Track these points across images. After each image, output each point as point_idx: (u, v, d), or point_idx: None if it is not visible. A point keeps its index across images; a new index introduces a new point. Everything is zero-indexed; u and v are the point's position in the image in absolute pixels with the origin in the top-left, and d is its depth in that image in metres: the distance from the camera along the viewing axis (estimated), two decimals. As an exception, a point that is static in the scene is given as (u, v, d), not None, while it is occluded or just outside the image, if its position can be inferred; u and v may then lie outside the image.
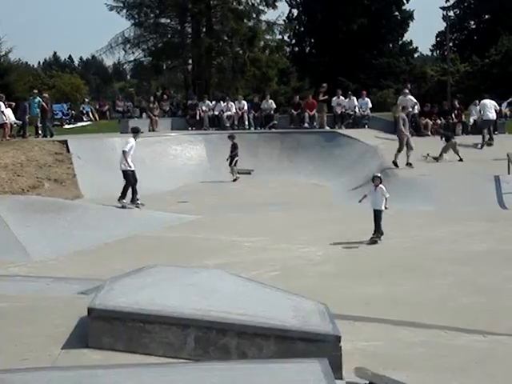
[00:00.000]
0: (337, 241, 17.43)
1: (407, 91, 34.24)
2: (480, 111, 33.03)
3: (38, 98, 35.00)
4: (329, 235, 18.27)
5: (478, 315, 11.15)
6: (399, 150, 26.59)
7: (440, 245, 16.63)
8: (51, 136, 33.38)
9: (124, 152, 23.25)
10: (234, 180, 30.39)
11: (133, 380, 6.18)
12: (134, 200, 23.17)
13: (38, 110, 34.43)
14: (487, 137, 31.51)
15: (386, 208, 17.63)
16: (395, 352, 9.57)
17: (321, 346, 8.26)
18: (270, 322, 8.49)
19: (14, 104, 36.52)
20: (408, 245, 16.86)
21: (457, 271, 13.89)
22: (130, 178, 23.18)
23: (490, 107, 32.26)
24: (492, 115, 32.07)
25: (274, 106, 38.52)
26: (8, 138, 32.26)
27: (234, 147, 30.92)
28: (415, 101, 34.41)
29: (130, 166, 23.29)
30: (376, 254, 16.06)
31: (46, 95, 37.46)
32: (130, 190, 23.11)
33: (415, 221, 19.99)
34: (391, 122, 36.08)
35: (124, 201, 22.94)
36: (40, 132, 34.24)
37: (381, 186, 17.68)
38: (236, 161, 30.84)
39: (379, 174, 18.45)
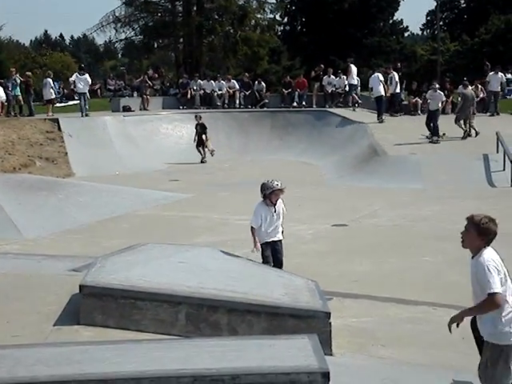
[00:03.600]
0: (327, 219, 17.51)
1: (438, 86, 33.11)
2: None
3: (15, 77, 34.90)
4: (319, 213, 18.38)
5: (466, 292, 11.20)
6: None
7: (429, 223, 16.74)
8: (30, 115, 33.43)
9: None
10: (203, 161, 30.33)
11: (124, 356, 6.25)
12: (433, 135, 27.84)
13: (18, 88, 34.37)
14: None
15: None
16: (384, 328, 9.69)
17: (311, 322, 8.37)
18: (261, 299, 8.58)
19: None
20: (397, 223, 16.95)
21: (445, 249, 13.97)
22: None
23: None
24: None
25: (264, 86, 38.41)
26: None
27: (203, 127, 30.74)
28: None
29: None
30: (365, 232, 16.15)
31: (29, 73, 37.34)
32: None
33: (404, 199, 20.09)
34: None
35: (435, 138, 27.42)
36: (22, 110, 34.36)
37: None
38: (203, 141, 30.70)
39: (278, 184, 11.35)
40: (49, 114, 33.17)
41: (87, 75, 34.24)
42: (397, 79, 34.16)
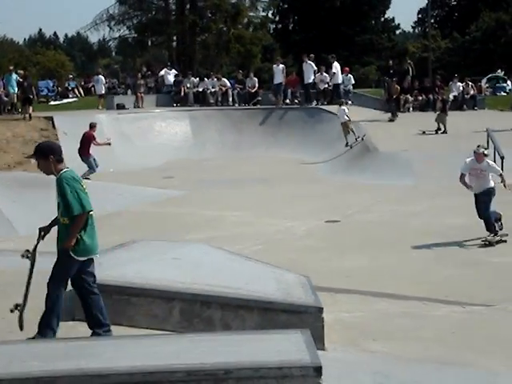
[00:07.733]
0: (319, 215, 17.58)
1: None
2: None
3: (15, 75, 34.81)
4: (311, 210, 18.45)
5: (456, 287, 11.36)
6: None
7: (420, 218, 16.82)
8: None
9: None
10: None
11: (118, 351, 6.30)
12: None
13: (16, 87, 34.26)
14: None
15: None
16: (375, 323, 9.79)
17: (303, 317, 8.44)
18: (253, 295, 8.65)
19: None
20: (388, 219, 17.03)
21: (436, 244, 14.10)
22: None
23: None
24: None
25: (257, 84, 38.31)
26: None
27: None
28: None
29: None
30: (357, 228, 16.24)
31: (22, 72, 37.28)
32: None
33: (395, 195, 20.15)
34: (373, 99, 36.51)
35: None
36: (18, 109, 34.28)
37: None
38: None
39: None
40: (99, 107, 36.19)
41: (174, 70, 40.20)
42: (339, 70, 35.42)
